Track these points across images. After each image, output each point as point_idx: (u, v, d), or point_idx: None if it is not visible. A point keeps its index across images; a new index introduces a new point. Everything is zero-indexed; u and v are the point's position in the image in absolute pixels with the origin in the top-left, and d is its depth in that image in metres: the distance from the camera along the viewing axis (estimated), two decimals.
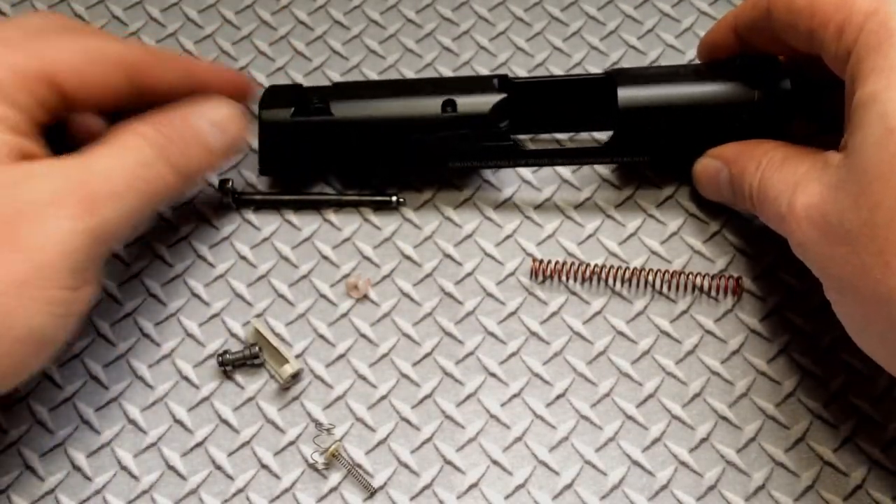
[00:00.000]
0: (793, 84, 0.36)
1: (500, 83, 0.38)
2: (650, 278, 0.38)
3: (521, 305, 0.38)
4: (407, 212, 0.40)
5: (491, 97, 0.37)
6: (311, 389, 0.36)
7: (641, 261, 0.39)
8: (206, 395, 0.36)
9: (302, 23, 0.46)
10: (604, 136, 0.38)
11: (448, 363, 0.37)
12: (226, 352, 0.36)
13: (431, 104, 0.37)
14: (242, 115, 0.37)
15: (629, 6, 0.45)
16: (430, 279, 0.39)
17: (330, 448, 0.34)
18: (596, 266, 0.38)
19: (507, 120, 0.37)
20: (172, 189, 0.34)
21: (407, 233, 0.40)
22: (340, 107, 0.38)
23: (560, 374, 0.36)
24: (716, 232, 0.39)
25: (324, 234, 0.40)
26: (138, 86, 0.34)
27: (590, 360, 0.37)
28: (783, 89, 0.36)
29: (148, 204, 0.33)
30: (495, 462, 0.35)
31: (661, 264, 0.39)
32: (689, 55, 0.44)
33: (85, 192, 0.30)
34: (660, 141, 0.37)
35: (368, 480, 0.34)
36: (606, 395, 0.36)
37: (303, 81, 0.44)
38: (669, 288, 0.38)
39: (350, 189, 0.41)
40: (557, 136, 0.42)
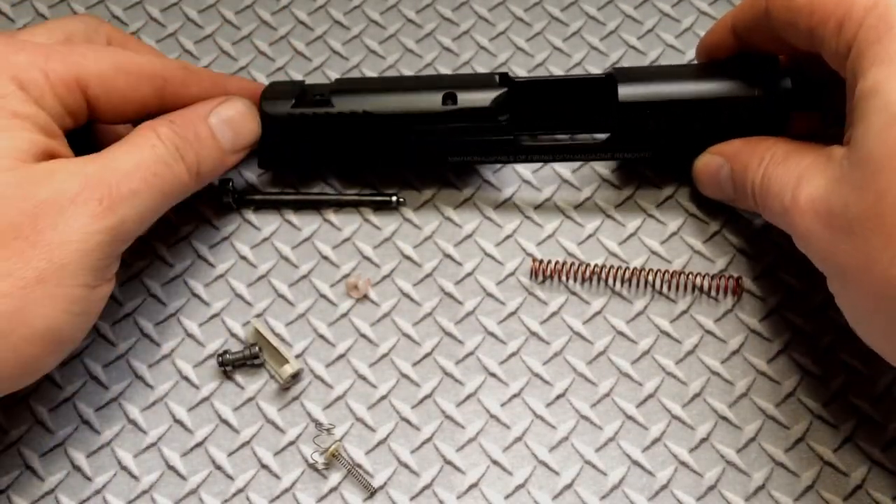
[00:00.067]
0: (793, 82, 0.36)
1: (500, 80, 0.38)
2: (650, 278, 0.38)
3: (521, 305, 0.38)
4: (407, 212, 0.40)
5: (492, 91, 0.37)
6: (311, 389, 0.36)
7: (641, 261, 0.39)
8: (206, 395, 0.36)
9: (302, 23, 0.46)
10: (604, 136, 0.38)
11: (448, 363, 0.37)
12: (226, 352, 0.36)
13: (432, 98, 0.37)
14: (256, 113, 0.37)
15: (629, 6, 0.45)
16: (430, 279, 0.39)
17: (330, 448, 0.34)
18: (596, 266, 0.38)
19: (507, 114, 0.37)
20: (187, 187, 0.35)
21: (407, 233, 0.40)
22: (341, 100, 0.38)
23: (560, 374, 0.36)
24: (716, 232, 0.39)
25: (324, 234, 0.40)
26: (165, 99, 0.35)
27: (590, 360, 0.37)
28: (783, 87, 0.36)
29: (164, 202, 0.34)
30: (495, 462, 0.35)
31: (661, 264, 0.39)
32: (689, 55, 0.44)
33: (105, 192, 0.31)
34: (659, 138, 0.37)
35: (368, 480, 0.34)
36: (606, 395, 0.36)
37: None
38: (669, 288, 0.38)
39: (350, 189, 0.41)
40: (557, 136, 0.41)
